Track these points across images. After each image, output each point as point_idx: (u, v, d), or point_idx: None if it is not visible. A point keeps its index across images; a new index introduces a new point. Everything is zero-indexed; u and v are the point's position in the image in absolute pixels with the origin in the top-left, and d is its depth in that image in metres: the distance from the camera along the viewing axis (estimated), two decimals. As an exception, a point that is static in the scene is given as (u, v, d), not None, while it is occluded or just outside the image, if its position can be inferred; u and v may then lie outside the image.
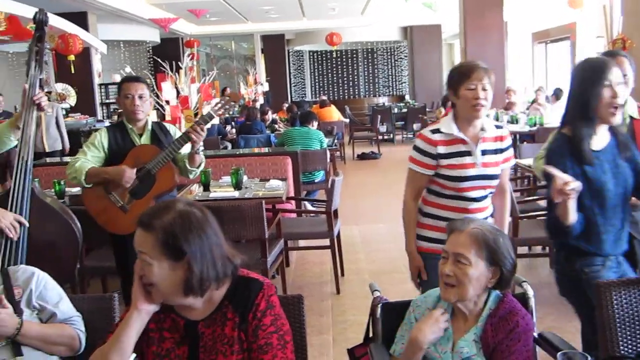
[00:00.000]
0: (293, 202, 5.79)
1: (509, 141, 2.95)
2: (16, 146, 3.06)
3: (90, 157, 3.72)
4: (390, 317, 2.25)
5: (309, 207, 6.70)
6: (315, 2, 15.35)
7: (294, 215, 5.91)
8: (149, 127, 3.84)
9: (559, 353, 1.74)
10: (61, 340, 2.18)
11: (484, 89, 2.71)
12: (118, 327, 1.81)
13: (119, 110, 12.64)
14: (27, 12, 9.78)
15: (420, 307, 2.20)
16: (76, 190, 5.32)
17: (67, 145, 9.16)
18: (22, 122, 2.99)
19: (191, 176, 3.85)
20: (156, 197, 3.64)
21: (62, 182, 4.97)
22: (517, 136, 9.40)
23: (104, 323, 2.32)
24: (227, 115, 9.86)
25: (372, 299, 2.34)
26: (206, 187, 4.90)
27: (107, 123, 12.84)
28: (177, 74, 6.66)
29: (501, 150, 2.90)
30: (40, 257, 2.70)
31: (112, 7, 12.38)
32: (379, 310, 2.26)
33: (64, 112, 12.66)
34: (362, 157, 13.40)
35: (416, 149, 2.86)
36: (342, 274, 5.31)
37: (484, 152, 2.83)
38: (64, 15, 11.37)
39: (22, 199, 2.85)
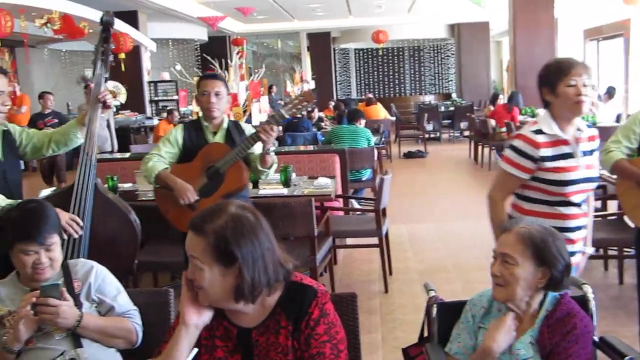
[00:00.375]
0: (340, 200, 5.78)
1: (598, 141, 2.80)
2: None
3: (164, 153, 3.73)
4: (445, 317, 2.22)
5: (356, 205, 6.68)
6: (361, 0, 15.31)
7: (341, 213, 5.90)
8: (225, 125, 3.80)
9: (627, 358, 1.68)
10: (119, 333, 2.22)
11: (584, 85, 2.57)
12: (168, 342, 1.78)
13: (168, 108, 12.85)
14: (81, 11, 10.02)
15: (476, 306, 2.18)
16: (129, 186, 5.43)
17: (116, 147, 9.33)
18: (87, 118, 3.08)
19: (263, 177, 3.80)
20: (224, 196, 3.56)
21: (114, 178, 5.05)
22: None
23: (160, 317, 2.35)
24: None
25: (428, 298, 2.30)
26: (255, 184, 4.92)
27: (155, 120, 13.08)
28: (225, 71, 6.71)
29: (594, 151, 2.76)
30: (100, 252, 2.76)
31: (162, 5, 12.58)
32: (434, 310, 2.23)
33: (115, 110, 12.92)
34: (409, 155, 13.31)
35: (514, 149, 2.68)
36: (390, 273, 5.27)
37: (584, 153, 2.69)
38: (115, 14, 11.56)
39: (85, 193, 2.92)
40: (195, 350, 1.73)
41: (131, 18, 12.97)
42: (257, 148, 3.66)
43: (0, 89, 2.93)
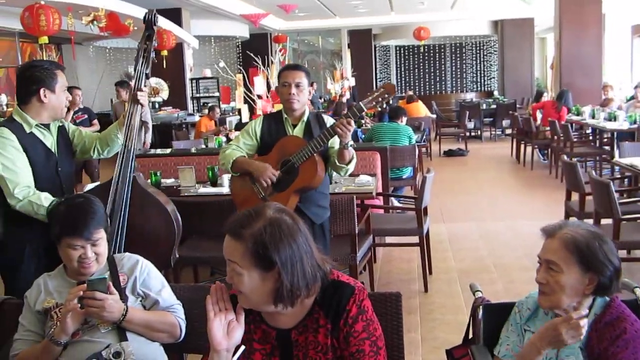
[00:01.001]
0: (380, 198, 5.75)
1: None
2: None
3: (242, 145, 3.68)
4: (491, 318, 2.18)
5: (396, 203, 6.64)
6: (404, -4, 15.24)
7: (380, 211, 5.87)
8: (305, 118, 3.68)
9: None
10: (163, 328, 2.24)
11: None
12: None
13: (210, 104, 12.95)
14: (126, 9, 10.17)
15: (523, 308, 2.13)
16: (171, 181, 5.49)
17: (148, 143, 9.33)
18: (128, 113, 3.12)
19: (342, 173, 3.64)
20: (297, 191, 3.50)
21: (158, 174, 5.12)
22: (615, 134, 9.01)
23: (203, 312, 2.36)
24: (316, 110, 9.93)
25: (474, 299, 2.27)
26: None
27: (197, 117, 13.21)
28: (268, 68, 6.73)
29: None
30: (138, 244, 2.79)
31: (205, 3, 12.69)
32: (480, 312, 2.18)
33: (157, 106, 13.11)
34: (449, 153, 13.17)
35: None
36: (430, 272, 5.23)
37: None
38: (159, 11, 11.68)
39: (123, 186, 2.96)
40: (242, 347, 1.73)
41: (175, 15, 13.11)
42: (336, 143, 3.50)
43: (64, 84, 3.00)
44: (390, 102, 3.38)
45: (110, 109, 15.59)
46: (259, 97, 6.43)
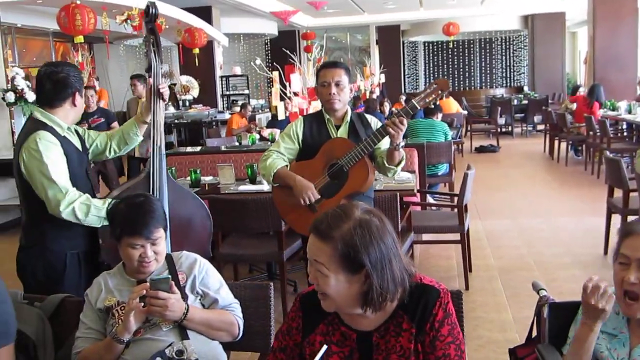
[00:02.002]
0: (418, 194, 5.71)
1: None
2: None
3: (283, 150, 3.50)
4: (557, 317, 2.13)
5: (431, 200, 6.60)
6: (434, -8, 15.13)
7: (418, 208, 5.83)
8: (348, 118, 3.48)
9: None
10: (222, 326, 2.25)
11: None
12: None
13: (241, 102, 12.98)
14: (159, 7, 10.22)
15: None
16: (209, 179, 5.51)
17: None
18: (151, 111, 3.06)
19: (390, 175, 3.43)
20: (347, 196, 3.28)
21: (198, 171, 5.14)
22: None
23: (260, 311, 2.37)
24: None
25: (538, 298, 2.23)
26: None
27: (227, 114, 13.26)
28: (304, 65, 6.73)
29: None
30: (178, 238, 2.79)
31: (236, 1, 12.74)
32: (546, 310, 2.14)
33: (187, 104, 13.17)
34: (480, 150, 13.07)
35: None
36: (470, 270, 5.18)
37: None
38: (190, 9, 11.80)
39: (160, 182, 2.96)
40: (325, 347, 1.71)
41: (205, 13, 13.18)
42: (384, 143, 3.34)
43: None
44: (443, 98, 3.23)
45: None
46: (295, 94, 6.42)
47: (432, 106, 4.66)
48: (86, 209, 2.72)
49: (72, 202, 2.70)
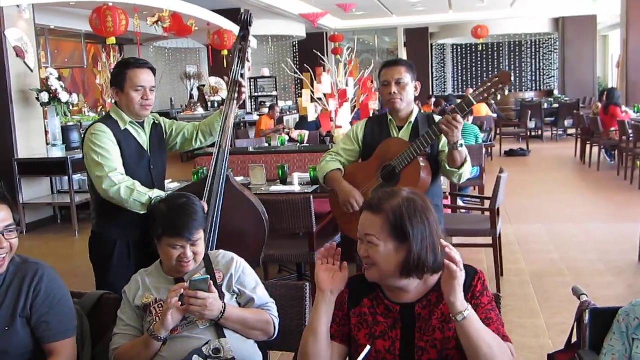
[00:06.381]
0: (448, 197, 5.67)
1: None
2: None
3: (342, 151, 3.46)
4: (598, 323, 2.10)
5: (460, 203, 6.54)
6: (463, -6, 15.04)
7: (448, 211, 5.78)
8: (412, 119, 3.32)
9: None
10: (258, 325, 2.25)
11: None
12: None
13: (269, 104, 13.05)
14: (189, 9, 10.32)
15: (629, 317, 2.03)
16: (240, 179, 5.53)
17: None
18: (223, 113, 3.16)
19: (455, 179, 3.19)
20: None
21: (230, 171, 5.16)
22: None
23: (295, 310, 2.37)
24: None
25: (579, 303, 2.19)
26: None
27: (255, 116, 13.31)
28: (336, 67, 6.72)
29: None
30: (229, 243, 2.80)
31: (265, 3, 12.79)
32: (587, 316, 2.11)
33: (216, 105, 13.24)
34: (510, 153, 12.94)
35: None
36: (502, 274, 5.12)
37: None
38: (219, 11, 11.89)
39: (217, 184, 2.99)
40: (368, 347, 1.75)
41: (234, 15, 13.20)
42: (446, 145, 3.15)
43: (151, 83, 3.04)
44: (506, 93, 3.03)
45: (169, 108, 15.86)
46: (326, 95, 6.41)
47: (492, 102, 4.54)
48: (130, 192, 2.85)
49: (118, 182, 2.84)
